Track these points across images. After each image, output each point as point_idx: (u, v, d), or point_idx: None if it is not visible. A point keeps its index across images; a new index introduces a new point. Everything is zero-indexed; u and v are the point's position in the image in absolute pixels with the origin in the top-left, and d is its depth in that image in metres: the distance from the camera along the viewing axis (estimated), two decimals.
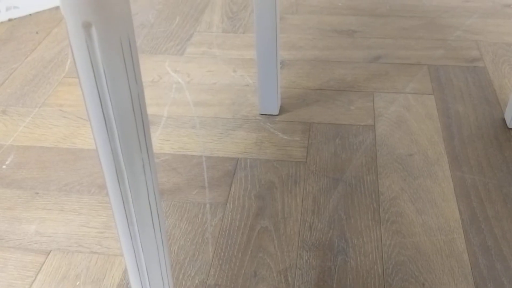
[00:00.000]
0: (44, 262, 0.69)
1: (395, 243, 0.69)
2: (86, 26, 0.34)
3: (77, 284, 0.66)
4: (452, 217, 0.73)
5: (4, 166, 0.84)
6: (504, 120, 0.89)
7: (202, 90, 1.00)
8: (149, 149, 0.40)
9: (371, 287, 0.64)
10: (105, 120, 0.38)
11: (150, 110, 0.95)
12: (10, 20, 1.25)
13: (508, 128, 0.87)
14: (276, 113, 0.92)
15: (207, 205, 0.76)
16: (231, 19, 1.22)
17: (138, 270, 0.50)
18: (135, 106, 0.39)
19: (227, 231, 0.72)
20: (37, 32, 1.20)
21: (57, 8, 1.30)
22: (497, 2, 1.25)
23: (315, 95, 0.97)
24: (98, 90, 0.37)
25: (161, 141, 0.87)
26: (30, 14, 1.27)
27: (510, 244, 0.69)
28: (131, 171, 0.41)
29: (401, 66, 1.04)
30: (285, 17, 1.23)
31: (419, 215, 0.73)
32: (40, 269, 0.68)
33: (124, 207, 0.43)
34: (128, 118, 0.39)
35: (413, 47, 1.09)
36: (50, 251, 0.70)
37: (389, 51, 1.09)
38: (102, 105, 0.37)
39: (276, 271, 0.67)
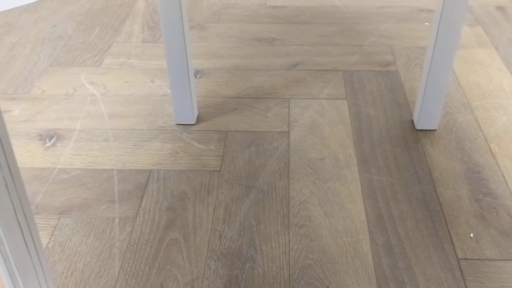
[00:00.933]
0: None
1: (303, 247, 0.70)
2: None
3: None
4: (358, 218, 0.74)
5: None
6: (412, 121, 0.92)
7: (118, 102, 0.98)
8: (11, 166, 0.39)
9: None
10: None
11: (62, 124, 0.92)
12: None
13: (416, 129, 0.90)
14: (193, 123, 0.92)
15: (116, 220, 0.75)
16: (151, 29, 1.21)
17: None
18: None
19: (135, 245, 0.71)
20: None
21: None
22: (412, 7, 1.30)
23: (233, 103, 0.98)
24: None
25: (72, 156, 0.85)
26: None
27: (413, 242, 0.71)
28: None
29: (317, 73, 1.06)
30: (207, 26, 1.23)
31: (327, 218, 0.74)
32: None
33: None
34: None
35: (330, 53, 1.12)
36: None
37: (307, 57, 1.10)
38: None
39: (183, 283, 0.66)
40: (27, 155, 0.85)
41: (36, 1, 1.35)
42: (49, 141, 0.89)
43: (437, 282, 0.65)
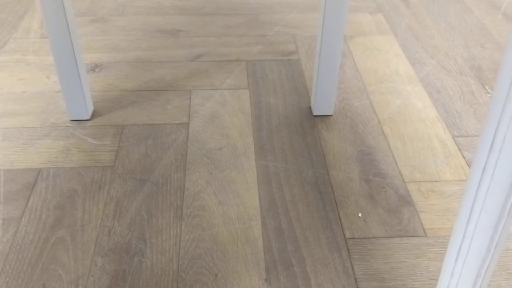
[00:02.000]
0: None
1: (194, 237, 0.70)
2: None
3: None
4: (252, 205, 0.75)
5: None
6: (310, 108, 0.93)
7: (11, 100, 0.94)
8: None
9: (165, 285, 0.64)
10: None
11: None
12: None
13: (313, 115, 0.92)
14: (87, 118, 0.89)
15: (0, 222, 0.71)
16: None
17: None
18: None
19: (19, 246, 0.68)
20: None
21: None
22: None
23: (132, 97, 0.96)
24: None
25: None
26: None
27: (303, 225, 0.72)
28: None
29: (220, 63, 1.05)
30: (110, 19, 1.20)
31: (220, 207, 0.74)
32: None
33: None
34: None
35: (235, 44, 1.12)
36: None
37: (211, 49, 1.10)
38: None
39: (67, 281, 0.64)
40: None
41: None
42: None
43: (324, 263, 0.66)
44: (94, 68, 1.03)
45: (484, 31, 1.17)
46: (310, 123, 0.90)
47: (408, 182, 0.78)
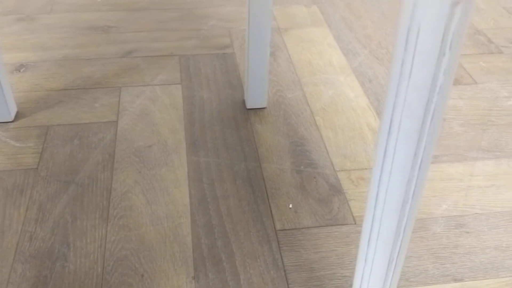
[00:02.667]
0: None
1: (120, 239, 0.67)
2: None
3: None
4: (181, 202, 0.73)
5: None
6: (244, 101, 0.93)
7: None
8: None
9: (87, 286, 0.61)
10: None
11: None
12: None
13: (247, 108, 0.91)
14: (10, 120, 0.85)
15: None
16: None
17: None
18: None
19: None
20: None
21: None
22: None
23: (59, 96, 0.92)
24: None
25: None
26: None
27: (234, 220, 0.71)
28: None
29: (153, 59, 1.03)
30: (38, 18, 1.15)
31: (149, 206, 0.72)
32: None
33: None
34: None
35: (168, 39, 1.09)
36: None
37: (143, 44, 1.07)
38: None
39: None
40: None
41: None
42: None
43: (254, 256, 0.65)
44: (19, 68, 0.98)
45: None
46: (244, 116, 0.88)
47: (338, 171, 0.78)
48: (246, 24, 0.82)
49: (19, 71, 0.98)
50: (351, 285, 0.62)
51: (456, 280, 0.63)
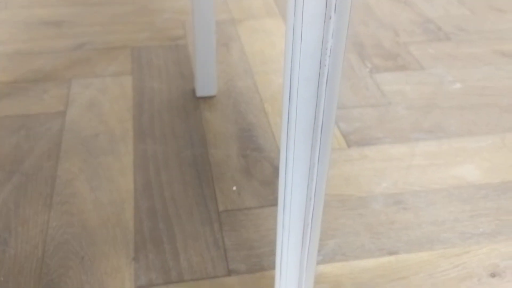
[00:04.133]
0: None
1: (62, 224, 0.68)
2: None
3: None
4: (126, 189, 0.73)
5: None
6: (194, 90, 0.93)
7: None
8: None
9: (28, 271, 0.61)
10: None
11: None
12: None
13: (196, 97, 0.92)
14: None
15: None
16: None
17: None
18: None
19: None
20: None
21: None
22: None
23: (7, 89, 0.92)
24: None
25: None
26: None
27: (177, 204, 0.71)
28: None
29: (104, 51, 1.03)
30: None
31: (93, 193, 0.72)
32: None
33: None
34: None
35: (121, 31, 1.10)
36: None
37: (96, 37, 1.07)
38: None
39: None
40: None
41: None
42: None
43: (195, 237, 0.66)
44: None
45: (368, 10, 1.21)
46: (193, 104, 0.89)
47: None
48: (192, 14, 0.83)
49: None
50: None
51: (391, 253, 0.65)
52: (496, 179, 0.76)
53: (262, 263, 0.63)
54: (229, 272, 0.62)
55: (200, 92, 0.91)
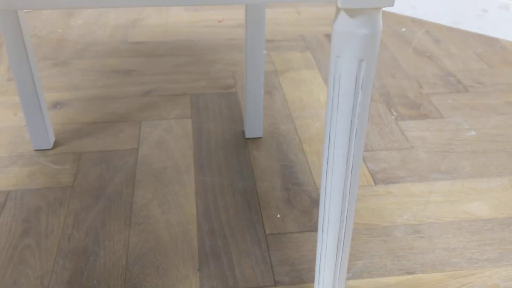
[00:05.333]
0: None
1: (140, 240, 0.83)
2: None
3: None
4: (190, 212, 0.89)
5: None
6: (243, 132, 1.09)
7: None
8: None
9: (115, 276, 0.77)
10: None
11: None
12: None
13: (245, 138, 1.08)
14: (50, 148, 1.03)
15: None
16: None
17: None
18: None
19: None
20: None
21: None
22: None
23: (89, 128, 1.10)
24: None
25: None
26: None
27: (232, 226, 0.86)
28: None
29: (168, 97, 1.21)
30: (71, 62, 1.35)
31: (163, 215, 0.88)
32: None
33: None
34: None
35: (181, 80, 1.28)
36: None
37: (160, 85, 1.26)
38: None
39: (34, 278, 0.76)
40: None
41: None
42: None
43: (247, 254, 0.81)
44: (56, 105, 1.17)
45: (395, 63, 1.36)
46: (243, 144, 1.05)
47: (319, 188, 0.94)
48: (243, 67, 1.00)
49: (56, 108, 1.16)
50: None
51: (409, 273, 0.78)
52: (502, 214, 0.88)
53: (302, 277, 0.77)
54: (275, 283, 0.76)
55: (248, 134, 1.07)
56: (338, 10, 0.47)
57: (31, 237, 0.83)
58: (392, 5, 0.45)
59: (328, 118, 0.52)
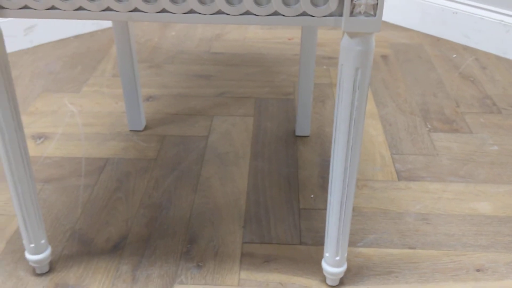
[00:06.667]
0: None
1: (202, 202, 1.07)
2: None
3: None
4: (242, 187, 1.11)
5: None
6: (294, 131, 1.31)
7: (90, 116, 1.36)
8: (19, 135, 0.76)
9: (181, 225, 1.01)
10: None
11: (49, 130, 1.30)
12: None
13: (295, 135, 1.29)
14: (141, 130, 1.30)
15: (81, 186, 1.11)
16: None
17: (22, 213, 0.84)
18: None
19: (93, 200, 1.07)
20: None
21: None
22: (318, 55, 1.71)
23: (172, 118, 1.36)
24: None
25: (54, 149, 1.23)
26: None
27: (274, 200, 1.08)
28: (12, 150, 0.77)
29: (237, 99, 1.45)
30: (163, 66, 1.63)
31: (222, 187, 1.11)
32: None
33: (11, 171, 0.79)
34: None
35: (249, 86, 1.52)
36: None
37: (232, 89, 1.50)
38: None
39: (121, 220, 1.02)
40: None
41: (34, 46, 1.75)
42: (39, 140, 1.26)
43: (282, 221, 1.02)
44: (148, 98, 1.45)
45: (440, 85, 1.52)
46: (292, 140, 1.27)
47: None
48: (298, 79, 1.22)
49: (148, 100, 1.44)
50: None
51: (410, 248, 0.95)
52: (503, 213, 1.03)
53: (322, 241, 0.97)
54: (301, 243, 0.97)
55: (298, 133, 1.28)
56: (343, 33, 0.68)
57: (122, 192, 1.10)
58: (378, 30, 0.66)
59: (335, 109, 0.73)
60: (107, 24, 1.94)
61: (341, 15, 0.67)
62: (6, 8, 0.69)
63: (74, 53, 1.72)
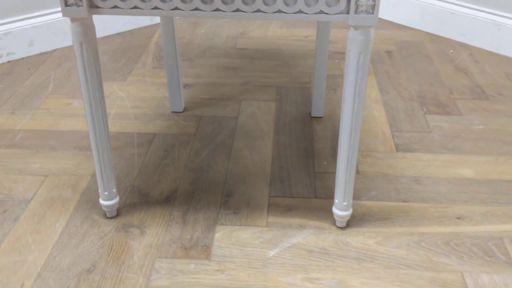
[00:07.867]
0: (44, 180, 1.26)
1: (235, 167, 1.30)
2: None
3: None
4: (267, 156, 1.35)
5: (16, 139, 1.41)
6: (310, 113, 1.54)
7: (137, 100, 1.61)
8: (102, 103, 1.00)
9: (218, 184, 1.24)
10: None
11: None
12: (9, 61, 1.84)
13: (311, 116, 1.52)
14: (181, 111, 1.54)
15: (135, 154, 1.35)
16: (158, 60, 1.85)
17: (100, 166, 1.08)
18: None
19: (146, 165, 1.32)
20: (28, 69, 1.79)
21: (42, 53, 1.90)
22: (331, 51, 1.94)
23: (206, 102, 1.60)
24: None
25: (110, 126, 1.47)
26: (23, 58, 1.87)
27: (294, 166, 1.31)
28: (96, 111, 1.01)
29: (260, 87, 1.69)
30: (195, 59, 1.87)
31: (250, 156, 1.35)
32: (41, 185, 1.24)
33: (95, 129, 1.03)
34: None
35: (271, 76, 1.75)
36: (47, 175, 1.27)
37: (256, 79, 1.74)
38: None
39: (170, 180, 1.26)
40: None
41: None
42: None
43: (301, 181, 1.25)
44: (185, 86, 1.69)
45: (437, 76, 1.74)
46: (308, 120, 1.50)
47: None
48: (314, 69, 1.44)
49: (185, 88, 1.68)
50: None
51: (404, 201, 1.18)
52: (482, 177, 1.25)
53: (333, 196, 1.20)
54: (316, 196, 1.20)
55: (313, 114, 1.51)
56: (349, 26, 0.91)
57: (169, 159, 1.34)
58: (375, 25, 0.89)
59: (344, 84, 0.95)
60: (144, 23, 2.19)
61: (348, 12, 0.90)
62: (100, 7, 0.93)
63: (118, 48, 1.97)
